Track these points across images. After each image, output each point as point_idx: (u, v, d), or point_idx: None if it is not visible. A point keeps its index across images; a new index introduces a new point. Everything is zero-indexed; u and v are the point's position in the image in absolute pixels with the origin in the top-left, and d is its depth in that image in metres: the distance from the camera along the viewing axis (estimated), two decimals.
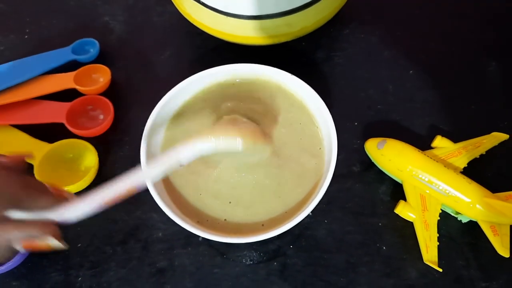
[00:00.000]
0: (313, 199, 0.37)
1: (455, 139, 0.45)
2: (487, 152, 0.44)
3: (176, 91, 0.42)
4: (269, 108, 0.43)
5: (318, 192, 0.37)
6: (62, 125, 0.48)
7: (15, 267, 0.42)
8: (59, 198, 0.31)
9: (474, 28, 0.56)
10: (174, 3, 0.51)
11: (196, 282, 0.41)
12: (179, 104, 0.43)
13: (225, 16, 0.45)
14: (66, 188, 0.43)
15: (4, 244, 0.27)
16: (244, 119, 0.39)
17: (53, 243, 0.29)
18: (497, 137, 0.45)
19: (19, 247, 0.28)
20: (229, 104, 0.42)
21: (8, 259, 0.29)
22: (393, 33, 0.55)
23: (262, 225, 0.38)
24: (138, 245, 0.43)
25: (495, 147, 0.45)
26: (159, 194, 0.37)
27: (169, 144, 0.42)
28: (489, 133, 0.45)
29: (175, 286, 0.41)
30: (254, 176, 0.40)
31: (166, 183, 0.40)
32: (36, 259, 0.42)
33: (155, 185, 0.38)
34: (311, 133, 0.42)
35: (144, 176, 0.33)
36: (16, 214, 0.28)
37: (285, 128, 0.42)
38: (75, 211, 0.31)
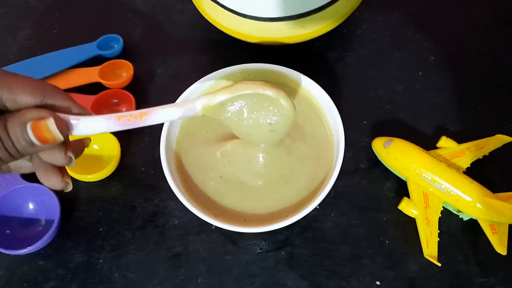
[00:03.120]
0: (320, 193, 0.39)
1: (460, 140, 0.46)
2: (490, 153, 0.46)
3: (194, 88, 0.44)
4: None
5: (325, 186, 0.39)
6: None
7: (41, 248, 0.44)
8: (82, 107, 0.31)
9: (484, 31, 0.57)
10: (194, 3, 0.53)
11: (208, 267, 0.44)
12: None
13: (243, 18, 0.47)
14: (90, 176, 0.46)
15: (22, 121, 0.27)
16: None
17: (51, 124, 0.27)
18: (500, 139, 0.46)
19: (29, 129, 0.27)
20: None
21: (20, 147, 0.27)
22: (404, 35, 0.57)
23: (273, 216, 0.40)
24: (155, 231, 0.46)
25: (498, 149, 0.46)
26: (176, 184, 0.40)
27: (186, 136, 0.44)
28: (493, 135, 0.47)
29: (189, 270, 0.43)
30: (267, 169, 0.41)
31: (182, 173, 0.42)
32: (61, 241, 0.45)
33: (172, 174, 0.40)
34: (321, 130, 0.44)
35: (161, 112, 0.32)
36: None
37: (297, 125, 0.43)
38: (92, 121, 0.30)
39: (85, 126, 0.30)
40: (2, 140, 0.27)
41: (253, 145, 0.41)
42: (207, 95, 0.34)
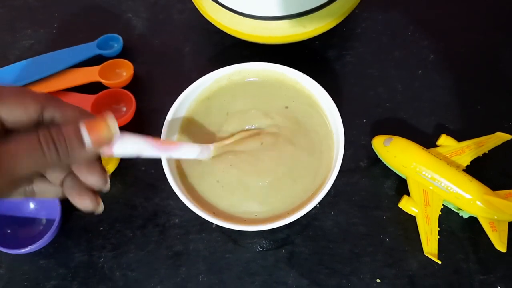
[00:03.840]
0: (320, 191, 0.39)
1: (459, 138, 0.46)
2: (490, 151, 0.46)
3: (194, 87, 0.44)
4: (279, 104, 0.45)
5: (325, 185, 0.39)
6: None
7: (42, 247, 0.44)
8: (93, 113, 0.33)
9: (483, 29, 0.57)
10: (194, 2, 0.53)
11: (209, 265, 0.44)
12: (192, 101, 0.45)
13: (242, 17, 0.47)
14: None
15: (73, 126, 0.27)
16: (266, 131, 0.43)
17: (111, 121, 0.28)
18: (500, 137, 0.46)
19: (84, 131, 0.27)
20: (241, 101, 0.45)
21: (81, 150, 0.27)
22: (403, 33, 0.57)
23: (273, 215, 0.40)
24: (156, 230, 0.46)
25: (498, 146, 0.46)
26: (176, 183, 0.40)
27: (185, 136, 0.44)
28: (493, 133, 0.47)
29: (189, 269, 0.44)
30: (267, 168, 0.41)
31: (182, 173, 0.42)
32: (62, 240, 0.45)
33: (173, 174, 0.40)
34: (320, 128, 0.44)
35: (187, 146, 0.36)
36: None
37: (295, 123, 0.43)
38: (127, 141, 0.30)
39: (125, 143, 0.30)
40: (53, 135, 0.27)
41: (254, 145, 0.41)
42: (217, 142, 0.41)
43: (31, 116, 0.28)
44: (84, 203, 0.31)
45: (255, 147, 0.41)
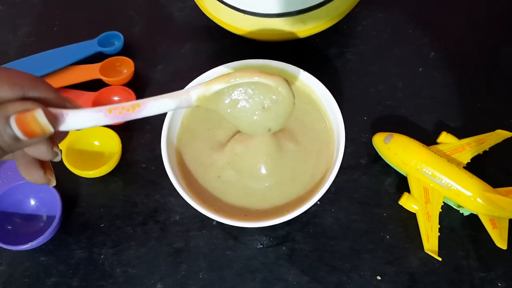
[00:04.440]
0: (321, 188, 0.39)
1: (460, 135, 0.46)
2: (490, 148, 0.46)
3: (194, 84, 0.44)
4: None
5: (326, 182, 0.39)
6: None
7: (43, 244, 0.44)
8: (66, 97, 0.29)
9: (484, 27, 0.57)
10: None
11: (209, 262, 0.44)
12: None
13: (243, 14, 0.47)
14: (91, 173, 0.46)
15: (4, 116, 0.25)
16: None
17: (40, 116, 0.25)
18: (501, 135, 0.46)
19: (13, 122, 0.25)
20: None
21: (3, 143, 0.25)
22: (404, 31, 0.57)
23: (274, 211, 0.40)
24: (156, 227, 0.46)
25: (498, 144, 0.46)
26: (177, 180, 0.40)
27: (186, 132, 0.44)
28: (494, 130, 0.47)
29: (190, 266, 0.44)
30: (268, 165, 0.41)
31: (183, 169, 0.42)
32: (63, 237, 0.45)
33: (173, 171, 0.40)
34: (321, 126, 0.44)
35: (153, 103, 0.30)
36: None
37: (297, 121, 0.43)
38: (78, 115, 0.28)
39: (73, 119, 0.28)
40: None
41: (255, 141, 0.41)
42: (202, 84, 0.32)
43: (9, 97, 0.26)
44: (32, 176, 0.29)
45: (255, 143, 0.41)
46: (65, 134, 0.32)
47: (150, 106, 0.30)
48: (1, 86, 0.26)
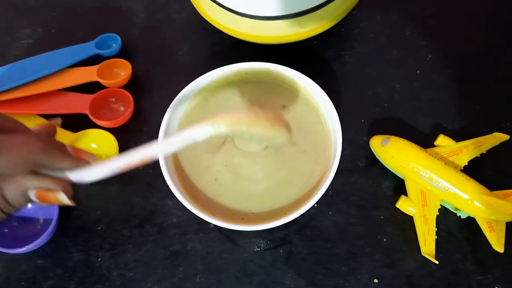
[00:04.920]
0: (318, 191, 0.39)
1: (457, 138, 0.46)
2: (487, 151, 0.46)
3: (192, 87, 0.44)
4: (277, 103, 0.45)
5: (323, 184, 0.39)
6: (85, 115, 0.50)
7: (40, 247, 0.44)
8: (78, 160, 0.32)
9: (481, 29, 0.57)
10: (192, 2, 0.53)
11: (206, 265, 0.44)
12: (190, 99, 0.45)
13: (240, 16, 0.47)
14: None
15: (22, 191, 0.29)
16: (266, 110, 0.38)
17: (62, 198, 0.30)
18: (498, 137, 0.46)
19: (33, 196, 0.29)
20: (238, 99, 0.44)
21: (21, 207, 0.30)
22: (401, 33, 0.57)
23: (271, 214, 0.40)
24: (153, 229, 0.46)
25: (495, 147, 0.46)
26: (174, 183, 0.40)
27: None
28: (491, 133, 0.47)
29: (187, 269, 0.43)
30: (265, 167, 0.42)
31: (180, 172, 0.42)
32: (60, 240, 0.45)
33: (170, 173, 0.40)
34: (318, 128, 0.44)
35: (160, 148, 0.34)
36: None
37: (293, 123, 0.43)
38: (91, 173, 0.32)
39: (88, 177, 0.32)
40: (4, 210, 0.29)
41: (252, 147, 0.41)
42: (209, 123, 0.33)
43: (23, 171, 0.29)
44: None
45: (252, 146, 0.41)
46: (54, 129, 0.34)
47: (158, 154, 0.34)
48: (15, 163, 0.28)
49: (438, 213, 0.43)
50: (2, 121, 0.30)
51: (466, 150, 0.45)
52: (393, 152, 0.44)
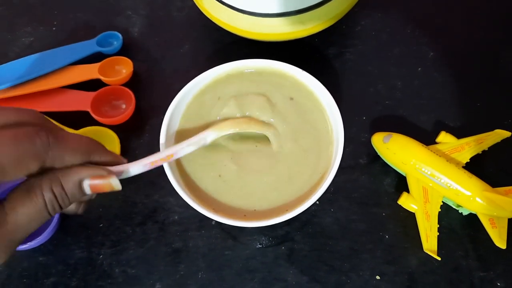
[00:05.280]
0: (320, 188, 0.39)
1: (459, 135, 0.46)
2: (489, 148, 0.46)
3: (193, 84, 0.44)
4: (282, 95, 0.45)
5: (325, 181, 0.39)
6: (87, 113, 0.50)
7: (42, 244, 0.44)
8: (117, 156, 0.35)
9: (483, 26, 0.57)
10: None
11: (208, 262, 0.44)
12: (191, 97, 0.45)
13: (242, 14, 0.47)
14: None
15: (79, 180, 0.30)
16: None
17: (115, 182, 0.32)
18: (500, 134, 0.46)
19: (87, 185, 0.30)
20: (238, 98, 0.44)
21: (75, 200, 0.31)
22: (403, 31, 0.57)
23: (273, 211, 0.40)
24: (155, 227, 0.46)
25: (497, 143, 0.46)
26: (176, 180, 0.40)
27: (185, 133, 0.44)
28: (493, 130, 0.47)
29: (189, 266, 0.44)
30: (266, 164, 0.41)
31: (182, 169, 0.42)
32: (62, 237, 0.45)
33: (172, 170, 0.40)
34: (320, 125, 0.44)
35: (177, 150, 0.37)
36: None
37: (294, 120, 0.43)
38: (129, 169, 0.34)
39: (127, 174, 0.34)
40: (58, 198, 0.29)
41: (254, 144, 0.41)
42: (216, 129, 0.40)
43: (78, 161, 0.31)
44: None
45: (255, 143, 0.41)
46: None
47: (179, 154, 0.38)
48: (74, 153, 0.30)
49: (440, 210, 0.43)
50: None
51: (468, 147, 0.45)
52: (395, 149, 0.44)
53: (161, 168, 0.40)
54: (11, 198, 0.28)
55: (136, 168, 0.35)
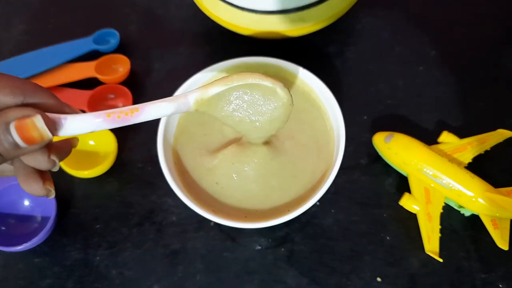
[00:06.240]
0: (321, 188, 0.38)
1: (461, 134, 0.46)
2: (491, 148, 0.45)
3: (191, 82, 0.44)
4: None
5: (325, 182, 0.38)
6: (83, 112, 0.50)
7: (37, 245, 0.44)
8: (64, 104, 0.29)
9: (485, 25, 0.56)
10: None
11: (207, 264, 0.43)
12: None
13: (241, 11, 0.47)
14: (87, 173, 0.46)
15: (5, 123, 0.26)
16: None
17: (39, 122, 0.26)
18: (502, 134, 0.46)
19: (14, 130, 0.25)
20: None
21: (7, 155, 0.26)
22: (404, 29, 0.56)
23: (273, 211, 0.40)
24: (153, 228, 0.45)
25: (499, 143, 0.46)
26: (174, 180, 0.39)
27: (183, 131, 0.43)
28: (495, 129, 0.46)
29: (187, 267, 0.43)
30: (266, 165, 0.41)
31: (180, 169, 0.42)
32: (58, 238, 0.45)
33: (170, 170, 0.40)
34: (320, 125, 0.43)
35: (151, 106, 0.31)
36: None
37: (295, 119, 0.42)
38: (72, 119, 0.28)
39: (72, 125, 0.28)
40: None
41: (253, 148, 0.40)
42: (200, 88, 0.32)
43: (11, 103, 0.27)
44: (31, 188, 0.29)
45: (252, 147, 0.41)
46: (68, 150, 0.33)
47: (148, 110, 0.30)
48: (3, 91, 0.26)
49: (442, 211, 0.42)
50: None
51: (470, 147, 0.45)
52: (396, 149, 0.44)
53: (158, 168, 0.39)
54: None
55: (83, 119, 0.28)
